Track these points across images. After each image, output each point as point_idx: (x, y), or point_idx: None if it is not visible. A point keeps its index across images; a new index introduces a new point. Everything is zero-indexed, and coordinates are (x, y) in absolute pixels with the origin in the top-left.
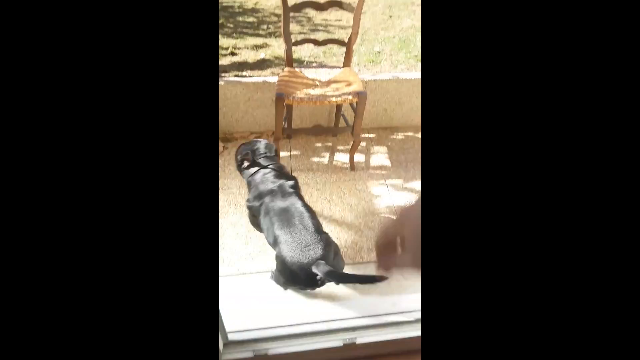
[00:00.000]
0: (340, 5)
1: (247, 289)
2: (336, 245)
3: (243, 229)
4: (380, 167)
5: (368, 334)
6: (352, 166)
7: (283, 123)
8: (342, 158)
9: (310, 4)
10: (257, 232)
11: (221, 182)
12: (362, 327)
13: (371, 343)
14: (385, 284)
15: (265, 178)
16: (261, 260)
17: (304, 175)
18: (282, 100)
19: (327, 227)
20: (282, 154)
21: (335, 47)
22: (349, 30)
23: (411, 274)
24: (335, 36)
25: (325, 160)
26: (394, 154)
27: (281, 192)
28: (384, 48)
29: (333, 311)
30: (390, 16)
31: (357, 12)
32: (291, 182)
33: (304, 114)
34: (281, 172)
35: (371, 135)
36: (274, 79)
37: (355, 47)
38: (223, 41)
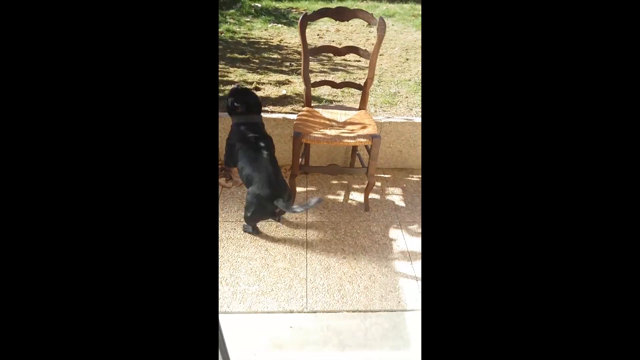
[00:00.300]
0: (357, 52)
1: (256, 330)
2: (290, 190)
3: (257, 264)
4: (396, 209)
5: None
6: (367, 207)
7: (300, 159)
8: (357, 197)
9: (328, 48)
10: (271, 270)
11: (239, 215)
12: None
13: None
14: (394, 333)
15: (248, 129)
16: (273, 298)
17: (319, 212)
18: (299, 139)
19: (339, 269)
20: (299, 189)
21: (350, 76)
22: (367, 72)
23: None
24: (354, 76)
25: (340, 198)
26: (409, 196)
27: (256, 145)
28: (400, 90)
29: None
30: (407, 59)
31: (372, 59)
32: (266, 141)
33: (321, 151)
34: (261, 128)
35: (386, 176)
36: (293, 116)
37: (372, 88)
38: (248, 76)
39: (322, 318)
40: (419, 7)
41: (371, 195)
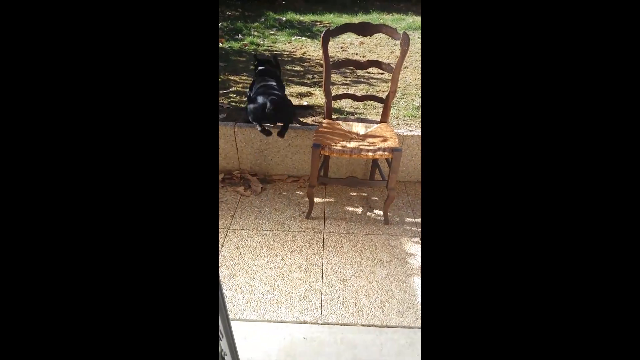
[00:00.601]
0: (380, 66)
1: (269, 339)
2: (286, 104)
3: (272, 272)
4: (416, 224)
5: None
6: (387, 220)
7: (320, 170)
8: (376, 210)
9: (350, 62)
10: (286, 279)
11: (256, 223)
12: None
13: None
14: (410, 350)
15: (265, 79)
16: (287, 308)
17: (337, 224)
18: (318, 150)
19: (355, 282)
20: (317, 199)
21: (372, 89)
22: (390, 85)
23: None
24: (377, 89)
25: (359, 210)
26: None
27: (268, 84)
28: None
29: None
30: None
31: (395, 72)
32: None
33: (341, 163)
34: (279, 80)
35: (408, 190)
36: (314, 127)
37: (395, 100)
38: None
39: (336, 331)
40: None
41: (391, 209)
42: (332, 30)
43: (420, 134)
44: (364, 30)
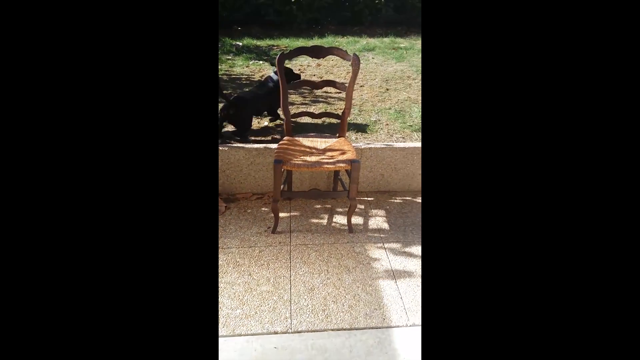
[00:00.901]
0: (334, 85)
1: (241, 353)
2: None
3: (240, 288)
4: (379, 231)
5: None
6: (350, 229)
7: (283, 186)
8: (340, 220)
9: (306, 82)
10: (254, 293)
11: (221, 242)
12: None
13: None
14: (379, 349)
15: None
16: (256, 321)
17: (303, 236)
18: (280, 166)
19: (323, 289)
20: (282, 214)
21: (331, 107)
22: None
23: None
24: (334, 107)
25: (324, 222)
26: (392, 218)
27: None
28: (380, 118)
29: None
30: (387, 89)
31: (348, 91)
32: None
33: (304, 177)
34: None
35: (370, 199)
36: (274, 145)
37: (353, 116)
38: None
39: (306, 337)
40: (399, 40)
41: (355, 218)
42: (287, 54)
43: (378, 146)
44: (317, 53)
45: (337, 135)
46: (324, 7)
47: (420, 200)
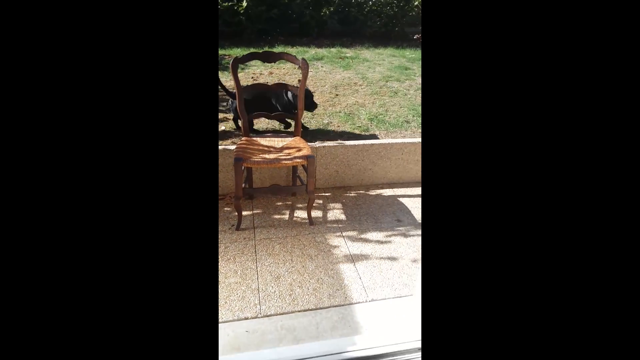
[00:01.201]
0: (286, 87)
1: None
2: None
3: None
4: (337, 221)
5: None
6: (311, 221)
7: (244, 184)
8: (301, 214)
9: (260, 85)
10: (223, 286)
11: None
12: None
13: None
14: (342, 323)
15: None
16: (227, 309)
17: (266, 231)
18: (240, 164)
19: (289, 277)
20: (245, 212)
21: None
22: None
23: None
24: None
25: (286, 217)
26: (349, 209)
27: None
28: (332, 121)
29: (297, 352)
30: (337, 95)
31: (300, 93)
32: None
33: (264, 176)
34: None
35: (327, 194)
36: (233, 147)
37: (307, 120)
38: None
39: (276, 320)
40: (344, 50)
41: (314, 212)
42: (240, 58)
43: (331, 145)
44: (268, 57)
45: (293, 134)
46: (273, 19)
47: (372, 193)
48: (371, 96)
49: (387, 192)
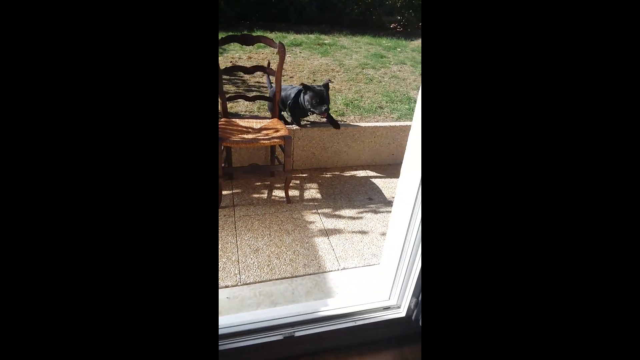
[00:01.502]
0: (264, 70)
1: None
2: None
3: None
4: (313, 200)
5: (304, 328)
6: (288, 199)
7: (224, 164)
8: (279, 194)
9: (238, 68)
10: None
11: None
12: (298, 323)
13: (307, 335)
14: (316, 288)
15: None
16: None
17: (246, 209)
18: (220, 143)
19: (267, 249)
20: (225, 192)
21: (266, 103)
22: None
23: None
24: (266, 94)
25: (264, 196)
26: (324, 189)
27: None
28: None
29: (274, 313)
30: (314, 80)
31: (277, 75)
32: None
33: (243, 157)
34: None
35: (304, 175)
36: None
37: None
38: None
39: (254, 287)
40: (323, 37)
41: (292, 191)
42: (219, 40)
43: (308, 126)
44: (246, 40)
45: (271, 116)
46: (251, 3)
47: (346, 174)
48: (347, 82)
49: (360, 173)
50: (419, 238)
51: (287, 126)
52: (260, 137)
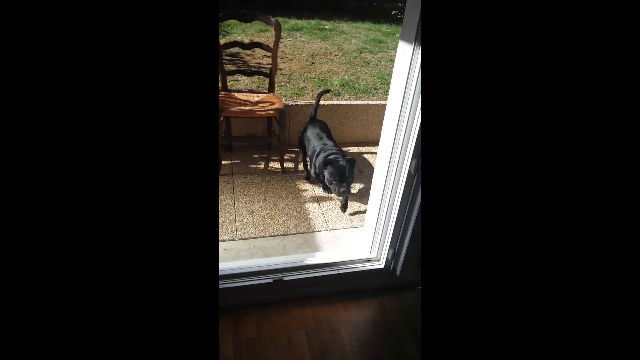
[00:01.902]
0: (261, 46)
1: None
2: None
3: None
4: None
5: (293, 274)
6: (283, 170)
7: (223, 134)
8: (275, 165)
9: (236, 43)
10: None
11: None
12: (287, 269)
13: (295, 280)
14: (305, 244)
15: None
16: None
17: (243, 177)
18: (219, 114)
19: (262, 212)
20: (224, 162)
21: (264, 80)
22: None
23: None
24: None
25: (261, 167)
26: None
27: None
28: (306, 85)
29: (266, 262)
30: (313, 62)
31: (274, 51)
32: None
33: (241, 130)
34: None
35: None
36: None
37: (283, 83)
38: None
39: (249, 242)
40: (324, 22)
41: (287, 163)
42: (219, 16)
43: (304, 103)
44: (244, 17)
45: (268, 91)
46: None
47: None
48: (345, 65)
49: (353, 149)
50: (394, 197)
51: (284, 102)
52: (257, 109)
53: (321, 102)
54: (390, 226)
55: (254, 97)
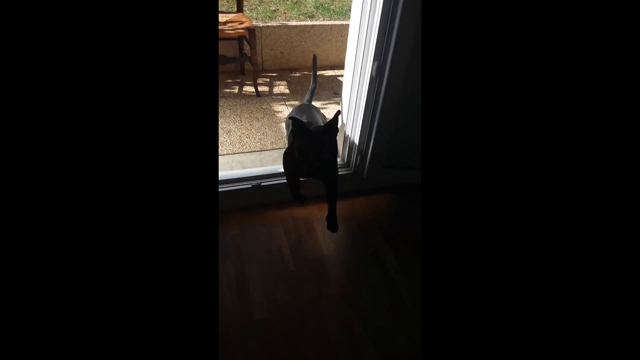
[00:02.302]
0: None
1: None
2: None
3: None
4: (282, 94)
5: (269, 180)
6: (258, 93)
7: None
8: (249, 89)
9: None
10: None
11: None
12: (264, 176)
13: (271, 185)
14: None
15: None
16: None
17: (219, 101)
18: None
19: (238, 132)
20: None
21: (233, 2)
22: None
23: None
24: None
25: (235, 91)
26: (293, 86)
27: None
28: (279, 8)
29: (245, 172)
30: None
31: None
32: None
33: None
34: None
35: (274, 74)
36: None
37: (254, 6)
38: None
39: (228, 157)
40: None
41: (261, 87)
42: None
43: (275, 25)
44: None
45: (236, 11)
46: None
47: None
48: None
49: (329, 72)
50: (359, 105)
51: (254, 23)
52: (226, 29)
53: (293, 23)
54: (357, 134)
55: (222, 17)
